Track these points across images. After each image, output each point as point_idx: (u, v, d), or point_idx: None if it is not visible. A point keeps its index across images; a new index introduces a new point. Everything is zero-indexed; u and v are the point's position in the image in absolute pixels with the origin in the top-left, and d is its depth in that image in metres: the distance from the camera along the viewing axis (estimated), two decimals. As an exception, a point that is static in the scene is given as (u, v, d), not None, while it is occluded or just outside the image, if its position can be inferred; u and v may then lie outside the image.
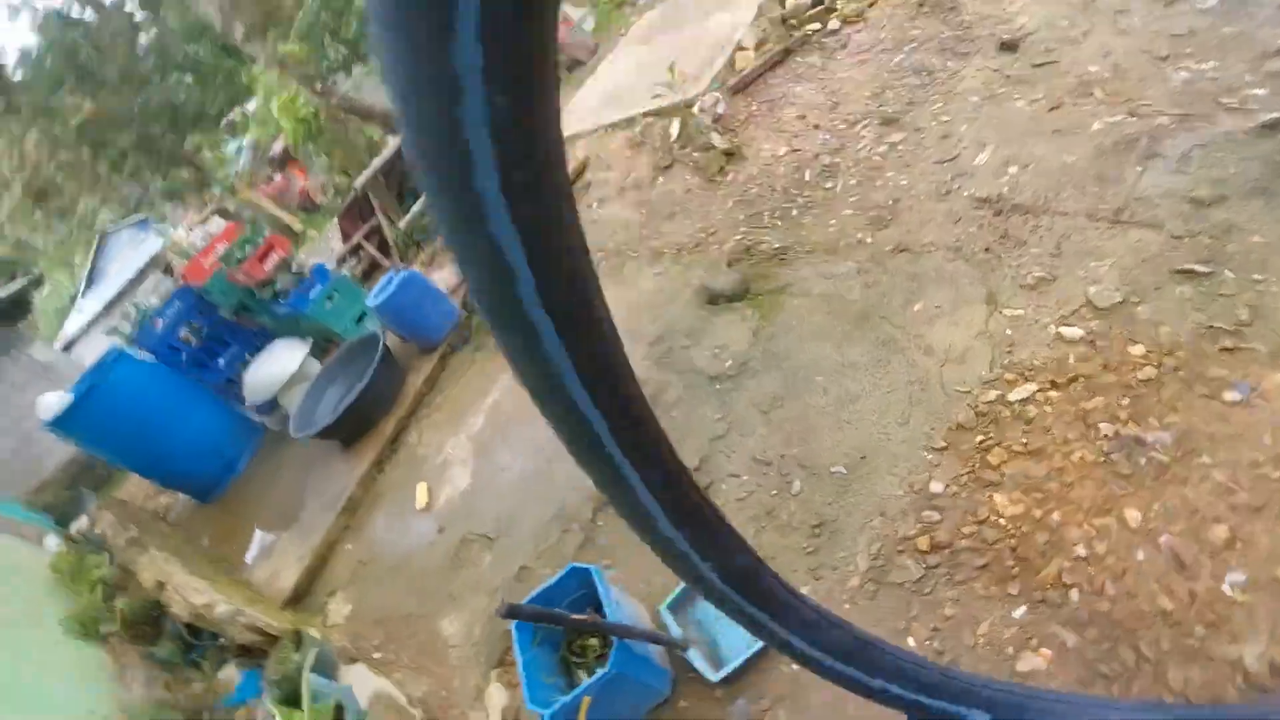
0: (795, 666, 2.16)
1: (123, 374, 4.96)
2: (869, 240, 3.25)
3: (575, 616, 1.83)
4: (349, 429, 4.46)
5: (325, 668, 3.08)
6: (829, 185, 3.81)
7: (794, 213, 3.82)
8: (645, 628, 2.21)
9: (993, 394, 2.23)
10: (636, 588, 2.58)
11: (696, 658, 2.13)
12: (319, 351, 5.41)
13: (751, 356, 3.06)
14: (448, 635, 2.98)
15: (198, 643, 3.55)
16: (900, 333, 2.68)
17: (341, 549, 3.97)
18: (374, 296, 4.51)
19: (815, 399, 2.68)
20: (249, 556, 4.43)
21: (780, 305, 3.22)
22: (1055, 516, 1.81)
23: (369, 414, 4.46)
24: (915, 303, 2.75)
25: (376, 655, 3.16)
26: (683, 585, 2.37)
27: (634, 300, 4.02)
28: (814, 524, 2.31)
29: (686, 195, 4.74)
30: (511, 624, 2.23)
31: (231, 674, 3.28)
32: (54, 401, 4.75)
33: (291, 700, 2.76)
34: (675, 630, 2.26)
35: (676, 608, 2.34)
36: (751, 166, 4.47)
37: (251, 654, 3.38)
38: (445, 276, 5.79)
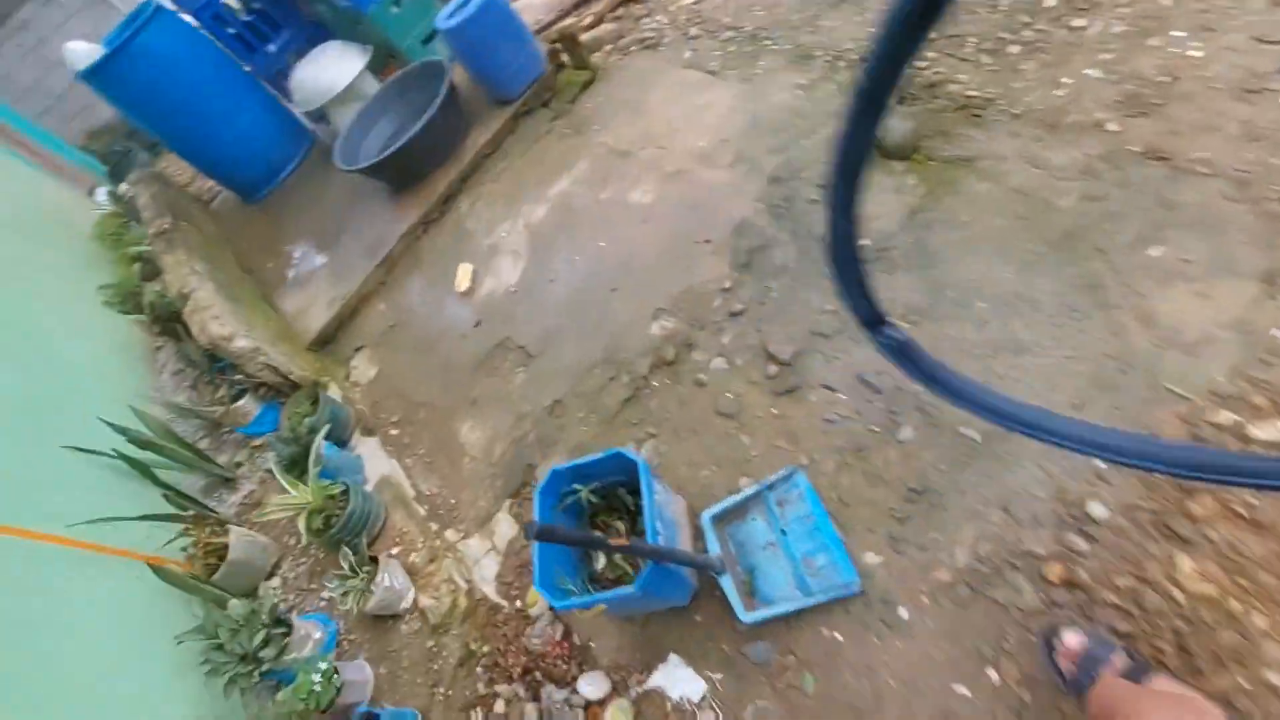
0: (835, 633, 1.91)
1: (159, 34, 4.28)
2: (1112, 127, 2.35)
3: (613, 541, 1.51)
4: (397, 174, 3.92)
5: (339, 431, 2.97)
6: (1077, 24, 2.72)
7: (1012, 51, 2.80)
8: (683, 549, 1.92)
9: (1225, 417, 1.64)
10: (678, 473, 2.28)
11: (730, 588, 1.87)
12: (378, 66, 4.64)
13: (897, 243, 2.38)
14: (465, 441, 2.79)
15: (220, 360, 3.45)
16: (1116, 280, 1.99)
17: (374, 305, 3.70)
18: (446, 16, 3.63)
19: (966, 330, 2.09)
20: (289, 273, 4.22)
21: (956, 184, 2.44)
22: (1257, 621, 1.37)
23: (421, 162, 3.88)
24: (1153, 244, 2.00)
25: (394, 432, 3.03)
26: (733, 496, 2.05)
27: (759, 113, 3.17)
28: (913, 486, 1.90)
29: (867, -20, 3.56)
30: (536, 486, 1.96)
31: (249, 405, 3.21)
32: (83, 51, 4.18)
33: (299, 463, 2.66)
34: (714, 544, 1.99)
35: (721, 519, 2.04)
36: (972, -38, 3.24)
37: (271, 390, 3.28)
38: (533, 6, 4.75)
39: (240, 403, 3.18)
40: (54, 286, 4.19)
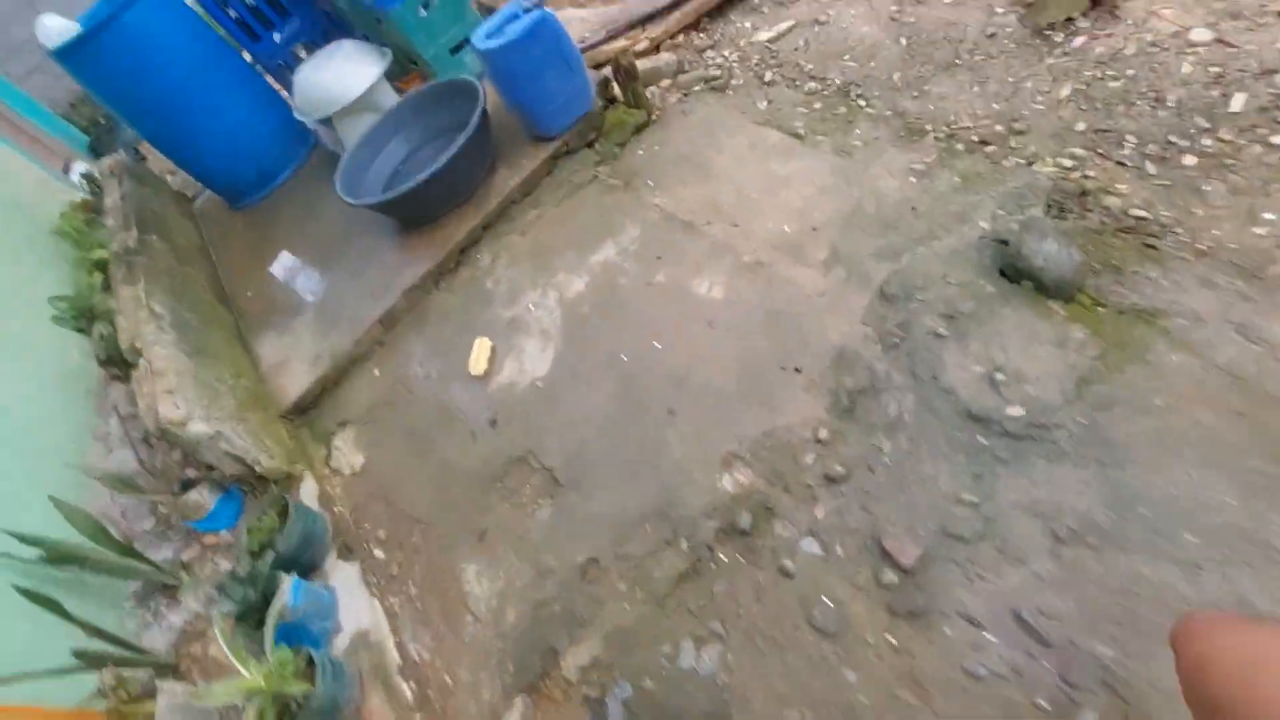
0: None
1: (147, 12, 3.66)
2: (1349, 294, 1.81)
3: None
4: (407, 213, 3.33)
5: (311, 551, 2.39)
6: (1278, 142, 2.19)
7: (1187, 162, 2.26)
8: None
9: None
10: (753, 707, 1.72)
11: None
12: (397, 73, 4.03)
13: (1063, 420, 1.83)
14: (470, 590, 2.21)
15: (175, 428, 2.84)
16: (1396, 539, 1.45)
17: (367, 369, 3.11)
18: (486, 34, 3.04)
19: (1170, 575, 1.54)
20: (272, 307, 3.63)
21: (1139, 347, 1.89)
22: None
23: (438, 202, 3.29)
24: None
25: (379, 554, 2.45)
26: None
27: (862, 200, 2.61)
28: (1106, 816, 1.35)
29: (987, 43, 3.01)
30: None
31: (203, 497, 2.61)
32: (56, 28, 3.54)
33: (255, 610, 2.08)
34: None
35: (820, 811, 1.49)
36: (1123, 38, 2.71)
37: (232, 477, 2.69)
38: (587, 20, 4.17)
39: (191, 493, 2.58)
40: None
